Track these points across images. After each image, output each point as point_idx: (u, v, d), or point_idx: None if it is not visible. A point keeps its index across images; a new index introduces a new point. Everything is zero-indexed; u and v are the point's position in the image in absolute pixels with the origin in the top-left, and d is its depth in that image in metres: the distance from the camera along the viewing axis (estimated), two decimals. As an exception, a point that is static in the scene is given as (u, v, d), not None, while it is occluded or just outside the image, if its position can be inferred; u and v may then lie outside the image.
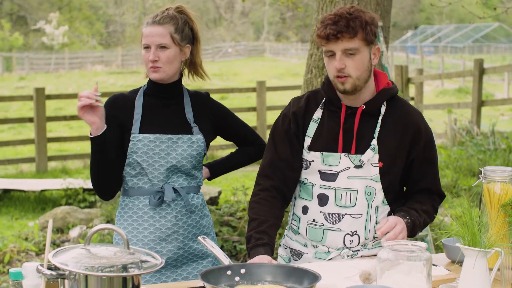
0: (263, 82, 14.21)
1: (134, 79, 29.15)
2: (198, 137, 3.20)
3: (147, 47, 3.15)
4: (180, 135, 3.17)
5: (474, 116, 12.29)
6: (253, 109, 13.97)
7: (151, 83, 3.23)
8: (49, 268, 2.16)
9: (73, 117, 13.54)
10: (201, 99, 3.32)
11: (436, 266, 2.77)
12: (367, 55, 2.85)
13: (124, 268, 2.12)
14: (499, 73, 23.55)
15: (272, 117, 16.28)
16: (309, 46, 6.39)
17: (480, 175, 2.77)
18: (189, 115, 3.23)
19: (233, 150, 3.55)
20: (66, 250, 2.21)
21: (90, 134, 3.07)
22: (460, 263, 2.81)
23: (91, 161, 3.13)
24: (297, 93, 17.87)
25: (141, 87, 3.27)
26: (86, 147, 14.70)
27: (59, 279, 2.16)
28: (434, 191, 3.05)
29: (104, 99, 3.13)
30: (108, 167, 3.13)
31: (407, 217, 2.87)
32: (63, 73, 34.90)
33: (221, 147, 12.90)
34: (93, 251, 2.19)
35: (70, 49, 42.07)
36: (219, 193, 8.13)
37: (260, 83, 14.09)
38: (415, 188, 3.03)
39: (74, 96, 15.31)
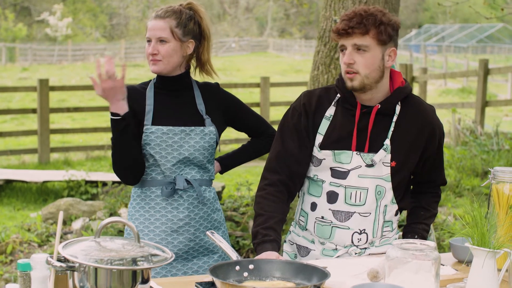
0: (267, 78, 14.19)
1: (137, 72, 29.14)
2: (210, 129, 3.20)
3: (149, 41, 3.19)
4: (193, 127, 3.18)
5: (478, 116, 12.27)
6: (257, 104, 13.95)
7: (158, 76, 3.25)
8: (59, 260, 2.16)
9: (76, 109, 13.56)
10: (211, 90, 3.32)
11: (443, 265, 2.76)
12: (378, 54, 2.84)
13: (134, 261, 2.12)
14: (504, 73, 23.50)
15: (275, 113, 16.26)
16: (316, 42, 6.38)
17: (489, 176, 2.76)
18: (201, 106, 3.24)
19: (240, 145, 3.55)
20: (76, 242, 2.22)
21: (116, 115, 3.03)
22: (468, 263, 2.81)
23: (115, 144, 3.08)
24: (301, 89, 17.85)
25: (151, 80, 3.29)
26: (88, 139, 14.70)
27: (68, 271, 2.16)
28: (440, 182, 3.14)
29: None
30: (133, 151, 3.11)
31: (416, 237, 2.98)
32: (66, 65, 34.90)
33: (224, 142, 12.89)
34: (102, 244, 2.19)
35: (73, 41, 42.05)
36: (223, 188, 8.13)
37: (264, 78, 14.08)
38: (422, 179, 3.10)
39: (77, 88, 15.31)
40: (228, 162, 3.48)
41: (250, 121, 3.45)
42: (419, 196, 3.11)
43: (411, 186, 3.13)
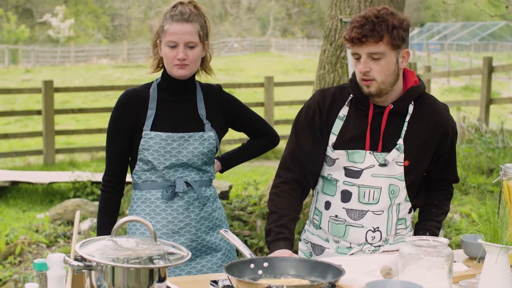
0: (271, 77, 14.16)
1: (139, 73, 29.15)
2: (210, 134, 3.18)
3: (174, 46, 3.10)
4: (191, 133, 3.15)
5: (483, 114, 12.27)
6: (261, 104, 13.95)
7: (166, 78, 3.19)
8: (76, 259, 2.17)
9: (80, 110, 13.57)
10: (213, 92, 3.29)
11: (455, 262, 2.77)
12: (393, 59, 2.84)
13: (150, 260, 2.13)
14: (507, 71, 23.48)
15: (279, 112, 16.28)
16: (322, 42, 6.39)
17: (500, 172, 2.77)
18: (202, 111, 3.21)
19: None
20: (92, 241, 2.22)
21: None
22: (481, 259, 2.82)
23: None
24: (305, 88, 17.85)
25: (153, 81, 3.24)
26: (93, 140, 14.71)
27: (85, 271, 2.17)
28: (452, 179, 3.15)
29: (114, 93, 3.10)
30: None
31: (427, 234, 2.97)
32: (69, 66, 34.93)
33: (229, 141, 12.90)
34: (118, 243, 2.20)
35: (75, 43, 42.08)
36: (230, 187, 8.13)
37: (268, 78, 14.05)
38: (434, 177, 3.10)
39: (81, 89, 15.36)
40: (229, 161, 3.47)
41: (252, 123, 3.44)
42: (431, 194, 3.11)
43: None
